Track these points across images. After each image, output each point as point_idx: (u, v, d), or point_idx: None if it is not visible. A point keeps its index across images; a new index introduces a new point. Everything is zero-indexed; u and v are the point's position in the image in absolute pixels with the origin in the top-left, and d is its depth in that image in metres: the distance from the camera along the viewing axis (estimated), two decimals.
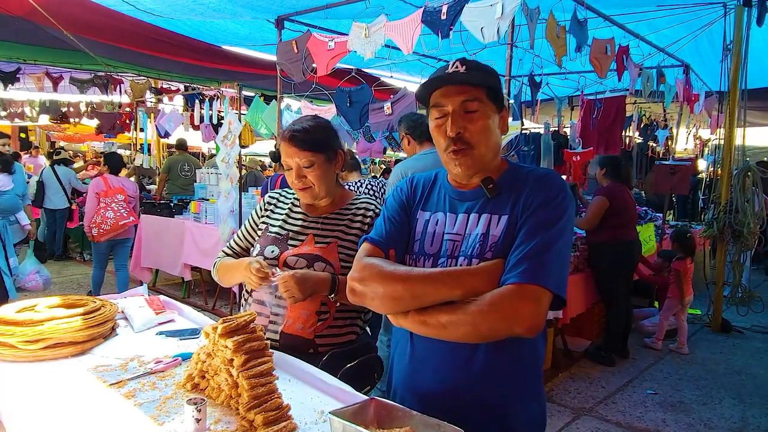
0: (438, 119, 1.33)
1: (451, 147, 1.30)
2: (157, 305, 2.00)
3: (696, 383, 4.23)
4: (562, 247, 1.24)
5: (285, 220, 1.85)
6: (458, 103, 1.29)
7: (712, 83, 6.58)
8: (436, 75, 1.34)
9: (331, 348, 1.71)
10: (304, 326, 1.71)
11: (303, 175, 1.75)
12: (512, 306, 1.16)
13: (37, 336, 1.56)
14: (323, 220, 1.82)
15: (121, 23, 5.48)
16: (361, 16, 4.06)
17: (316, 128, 1.76)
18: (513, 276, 1.19)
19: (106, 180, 5.49)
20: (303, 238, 1.79)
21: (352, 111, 4.67)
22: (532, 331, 1.17)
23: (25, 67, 7.67)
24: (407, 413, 1.14)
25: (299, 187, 1.77)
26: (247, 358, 1.27)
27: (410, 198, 1.47)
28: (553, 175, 1.35)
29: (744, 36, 5.38)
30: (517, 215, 1.28)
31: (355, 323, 1.82)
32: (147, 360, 1.58)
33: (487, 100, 1.31)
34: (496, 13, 3.15)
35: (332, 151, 1.80)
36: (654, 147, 8.23)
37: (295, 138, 1.73)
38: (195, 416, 1.15)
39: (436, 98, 1.33)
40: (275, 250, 1.77)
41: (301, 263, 1.72)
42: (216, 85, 7.85)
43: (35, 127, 13.47)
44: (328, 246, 1.76)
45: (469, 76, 1.29)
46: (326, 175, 1.78)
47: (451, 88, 1.30)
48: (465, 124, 1.29)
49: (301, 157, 1.73)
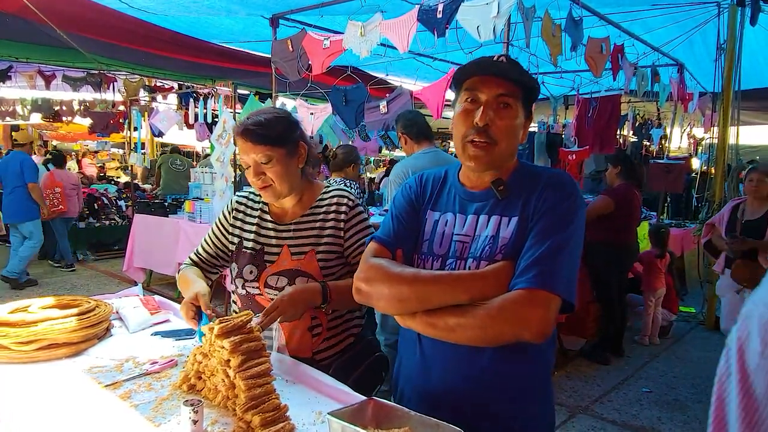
0: (468, 103, 1.29)
1: (473, 137, 1.27)
2: (152, 305, 1.99)
3: (691, 381, 4.25)
4: (572, 250, 1.23)
5: (258, 232, 1.76)
6: (494, 95, 1.26)
7: (706, 83, 6.60)
8: (479, 61, 1.29)
9: (332, 359, 1.67)
10: (299, 346, 1.66)
11: (261, 171, 1.63)
12: (521, 311, 1.15)
13: (30, 337, 1.54)
14: (295, 227, 1.73)
15: (114, 20, 5.43)
16: (356, 14, 4.04)
17: (272, 120, 1.63)
18: (523, 281, 1.17)
19: (52, 174, 7.24)
20: (278, 250, 1.71)
21: (348, 110, 4.65)
22: (540, 337, 1.16)
23: (17, 65, 7.59)
24: (406, 413, 1.14)
25: (259, 185, 1.66)
26: (244, 358, 1.25)
27: (419, 196, 1.44)
28: (564, 176, 1.33)
29: (738, 35, 5.40)
30: (527, 216, 1.26)
31: (351, 325, 1.77)
32: (142, 361, 1.57)
33: (521, 102, 1.29)
34: (492, 12, 3.14)
35: (292, 144, 1.67)
36: (648, 146, 8.27)
37: (249, 132, 1.60)
38: (192, 417, 1.14)
39: (472, 83, 1.28)
40: (254, 270, 1.71)
41: (281, 281, 1.66)
42: (210, 83, 7.80)
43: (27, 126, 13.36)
44: (305, 257, 1.68)
45: (513, 71, 1.26)
46: (287, 171, 1.65)
47: (491, 78, 1.26)
48: (495, 117, 1.26)
49: (257, 153, 1.61)
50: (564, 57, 3.98)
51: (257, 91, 6.29)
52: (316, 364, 1.61)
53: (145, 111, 7.93)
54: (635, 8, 5.35)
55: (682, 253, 6.56)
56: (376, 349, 1.81)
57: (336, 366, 1.65)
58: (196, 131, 7.43)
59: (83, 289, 6.55)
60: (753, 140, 12.56)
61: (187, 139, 12.21)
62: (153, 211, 6.37)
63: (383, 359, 1.79)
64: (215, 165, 5.22)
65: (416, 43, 3.69)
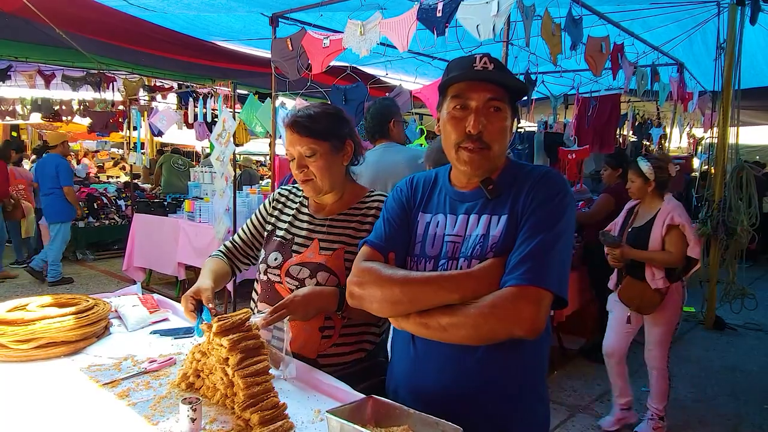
0: (457, 110, 1.28)
1: (467, 144, 1.27)
2: (151, 304, 1.98)
3: (690, 380, 4.25)
4: (563, 246, 1.23)
5: (292, 223, 1.75)
6: (484, 101, 1.26)
7: (706, 82, 6.60)
8: (465, 67, 1.28)
9: (337, 368, 1.59)
10: (305, 345, 1.60)
11: (304, 165, 1.62)
12: (513, 308, 1.15)
13: (28, 335, 1.53)
14: (330, 223, 1.70)
15: (113, 19, 5.42)
16: (356, 13, 4.04)
17: (321, 114, 1.64)
18: (514, 278, 1.17)
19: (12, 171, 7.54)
20: (308, 243, 1.68)
21: (348, 109, 4.64)
22: (532, 334, 1.16)
23: (17, 64, 7.58)
24: (405, 412, 1.13)
25: (301, 178, 1.65)
26: (242, 356, 1.25)
27: (410, 199, 1.44)
28: (553, 174, 1.33)
29: (737, 34, 5.40)
30: (517, 214, 1.26)
31: (364, 339, 1.68)
32: (141, 359, 1.57)
33: (508, 103, 1.29)
34: (492, 11, 3.13)
35: (339, 140, 1.65)
36: (648, 146, 8.26)
37: (297, 124, 1.61)
38: (190, 416, 1.13)
39: (459, 89, 1.28)
40: (278, 258, 1.68)
41: (303, 273, 1.63)
42: (210, 83, 7.80)
43: (27, 126, 13.35)
44: (333, 253, 1.64)
45: (501, 76, 1.26)
46: (330, 167, 1.64)
47: (478, 84, 1.26)
48: (486, 123, 1.26)
49: (302, 145, 1.61)
50: (564, 56, 3.98)
51: (257, 91, 6.29)
52: (319, 368, 1.55)
53: (144, 110, 7.93)
54: (635, 7, 5.35)
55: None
56: (383, 373, 1.70)
57: (337, 377, 1.58)
58: (196, 131, 7.43)
59: (83, 289, 6.55)
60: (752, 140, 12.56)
61: (186, 139, 12.21)
62: (152, 210, 6.37)
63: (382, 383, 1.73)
64: (215, 164, 5.21)
65: (416, 42, 3.69)
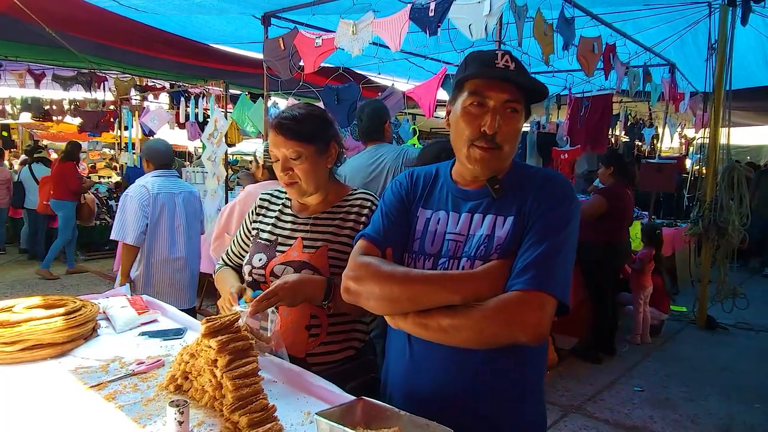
0: (474, 107, 1.25)
1: (481, 142, 1.25)
2: (139, 305, 1.96)
3: (682, 380, 4.27)
4: (568, 253, 1.22)
5: (275, 224, 1.75)
6: (502, 101, 1.23)
7: (697, 83, 6.64)
8: (486, 64, 1.25)
9: (326, 366, 1.60)
10: (293, 344, 1.58)
11: (289, 167, 1.62)
12: (517, 313, 1.13)
13: (15, 338, 1.51)
14: (313, 221, 1.70)
15: (104, 19, 5.39)
16: (348, 12, 4.03)
17: (306, 116, 1.62)
18: (519, 282, 1.16)
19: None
20: (292, 242, 1.68)
21: (340, 109, 4.64)
22: (536, 340, 1.14)
23: (6, 63, 7.52)
24: (395, 413, 1.12)
25: (286, 181, 1.65)
26: (231, 358, 1.23)
27: (410, 193, 1.41)
28: (559, 177, 1.33)
29: (729, 35, 5.43)
30: (523, 217, 1.24)
31: (353, 336, 1.69)
32: (129, 361, 1.54)
33: (524, 105, 1.27)
34: (484, 11, 3.13)
35: (324, 142, 1.65)
36: (640, 146, 8.32)
37: (283, 126, 1.60)
38: (177, 418, 1.12)
39: (477, 86, 1.24)
40: (263, 258, 1.69)
41: (288, 272, 1.62)
42: (202, 83, 7.77)
43: (18, 126, 13.24)
44: (317, 251, 1.64)
45: (523, 78, 1.24)
46: (315, 170, 1.64)
47: (498, 83, 1.23)
48: (502, 123, 1.23)
49: (287, 148, 1.60)
50: (556, 56, 4.00)
51: (249, 91, 6.26)
52: (308, 367, 1.53)
53: (135, 110, 7.88)
54: (627, 8, 5.38)
55: (673, 252, 6.58)
56: (374, 371, 1.73)
57: (326, 375, 1.59)
58: (188, 130, 7.40)
59: (73, 290, 6.50)
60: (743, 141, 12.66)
61: (178, 139, 12.15)
62: None
63: (377, 381, 1.74)
64: (206, 164, 5.19)
65: (408, 42, 3.68)
